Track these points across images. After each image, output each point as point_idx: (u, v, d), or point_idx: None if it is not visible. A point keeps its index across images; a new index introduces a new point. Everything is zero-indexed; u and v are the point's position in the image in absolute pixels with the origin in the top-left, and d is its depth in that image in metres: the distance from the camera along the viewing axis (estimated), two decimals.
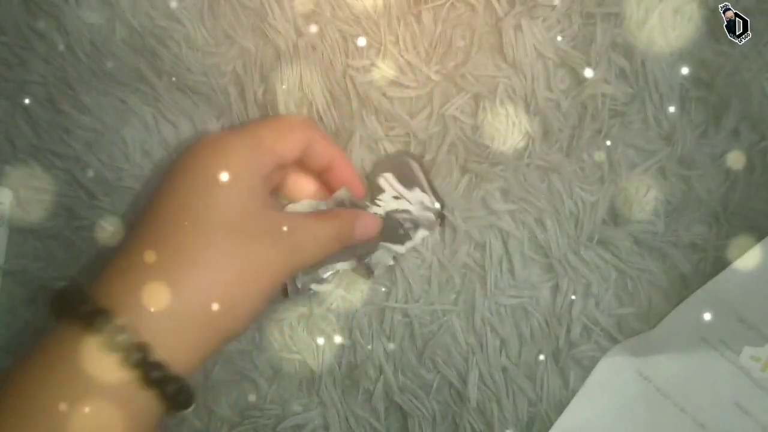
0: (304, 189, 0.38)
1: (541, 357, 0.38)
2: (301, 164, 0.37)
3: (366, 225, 0.37)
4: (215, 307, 0.30)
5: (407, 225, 0.38)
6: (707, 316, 0.37)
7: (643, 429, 0.38)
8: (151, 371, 0.28)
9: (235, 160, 0.33)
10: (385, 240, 0.38)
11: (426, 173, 0.39)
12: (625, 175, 0.38)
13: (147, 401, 0.29)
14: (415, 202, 0.38)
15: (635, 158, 0.38)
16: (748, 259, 0.36)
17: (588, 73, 0.37)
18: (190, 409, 0.30)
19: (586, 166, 0.38)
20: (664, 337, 0.38)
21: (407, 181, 0.38)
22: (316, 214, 0.36)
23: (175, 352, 0.29)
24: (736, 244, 0.38)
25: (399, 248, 0.38)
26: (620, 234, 0.38)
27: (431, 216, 0.39)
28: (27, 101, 0.39)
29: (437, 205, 0.39)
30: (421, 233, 0.39)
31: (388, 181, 0.38)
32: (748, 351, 0.36)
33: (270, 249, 0.32)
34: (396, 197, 0.38)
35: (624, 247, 0.38)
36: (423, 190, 0.39)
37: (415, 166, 0.38)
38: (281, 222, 0.33)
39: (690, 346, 0.37)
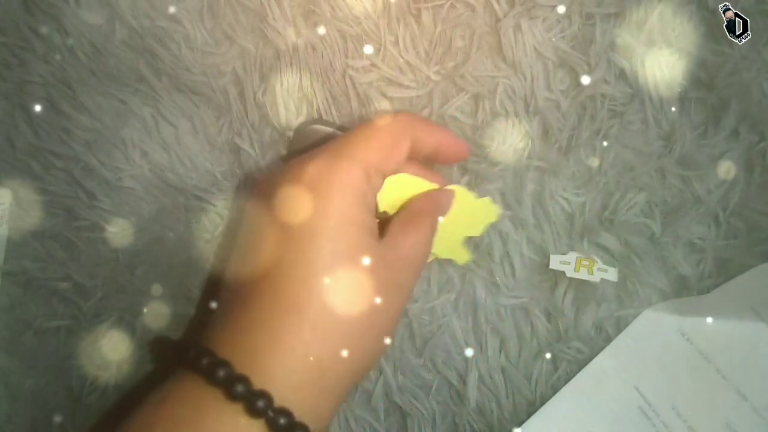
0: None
1: (548, 355, 0.38)
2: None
3: (448, 202, 0.35)
4: (338, 358, 0.29)
5: None
6: (760, 286, 0.35)
7: (683, 389, 0.36)
8: (276, 418, 0.27)
9: (344, 201, 0.30)
10: None
11: (329, 123, 0.38)
12: (624, 176, 0.38)
13: None
14: None
15: (634, 159, 0.38)
16: None
17: (585, 80, 0.37)
18: None
19: (586, 167, 0.38)
20: (712, 301, 0.36)
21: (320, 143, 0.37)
22: (408, 220, 0.33)
23: (300, 403, 0.28)
24: (735, 244, 0.38)
25: None
26: (620, 234, 0.38)
27: None
28: (27, 101, 0.39)
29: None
30: None
31: None
32: None
33: (388, 293, 0.31)
34: None
35: (623, 248, 0.38)
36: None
37: (316, 127, 0.38)
38: (389, 255, 0.31)
39: (737, 313, 0.36)
